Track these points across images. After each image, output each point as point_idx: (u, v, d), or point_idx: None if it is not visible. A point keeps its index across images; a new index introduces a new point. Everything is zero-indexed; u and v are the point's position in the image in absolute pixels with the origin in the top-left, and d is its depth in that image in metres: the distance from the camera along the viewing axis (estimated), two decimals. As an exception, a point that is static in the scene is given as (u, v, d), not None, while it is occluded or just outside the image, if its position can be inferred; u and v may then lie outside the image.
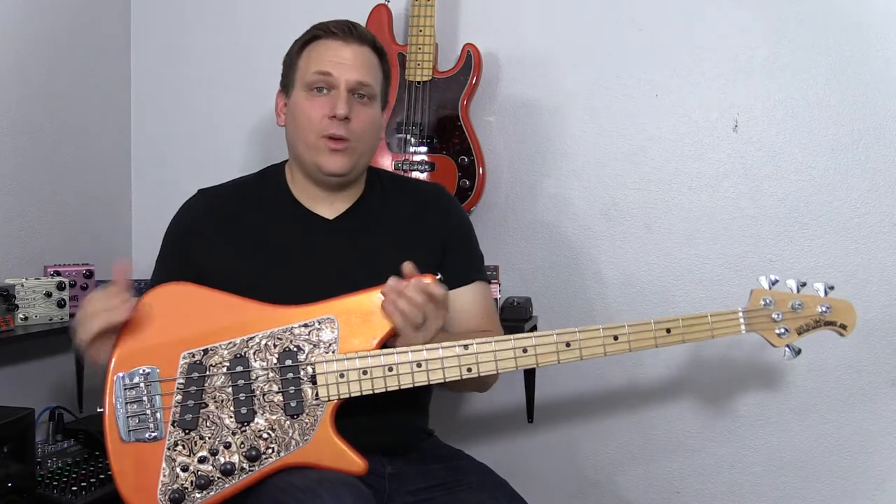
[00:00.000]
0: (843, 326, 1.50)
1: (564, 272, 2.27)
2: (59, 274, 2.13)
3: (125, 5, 2.55)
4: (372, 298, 1.39)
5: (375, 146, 1.64)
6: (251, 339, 1.38)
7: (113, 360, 1.37)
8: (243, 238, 1.56)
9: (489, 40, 2.23)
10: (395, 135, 2.17)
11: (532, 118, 2.27)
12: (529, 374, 2.20)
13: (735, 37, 2.14)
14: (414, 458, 1.55)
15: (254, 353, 1.38)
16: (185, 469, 1.34)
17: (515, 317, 2.13)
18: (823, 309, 1.49)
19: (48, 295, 2.04)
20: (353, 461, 1.36)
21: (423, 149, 2.16)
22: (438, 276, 1.39)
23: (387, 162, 2.17)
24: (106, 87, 2.49)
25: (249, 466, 1.35)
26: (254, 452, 1.34)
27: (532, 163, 2.28)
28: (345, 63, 1.52)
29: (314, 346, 1.38)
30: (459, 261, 1.63)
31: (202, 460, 1.34)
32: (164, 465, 1.34)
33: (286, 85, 1.61)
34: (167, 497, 1.33)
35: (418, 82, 2.16)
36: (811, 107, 2.10)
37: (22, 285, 1.99)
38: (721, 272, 2.17)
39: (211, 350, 1.38)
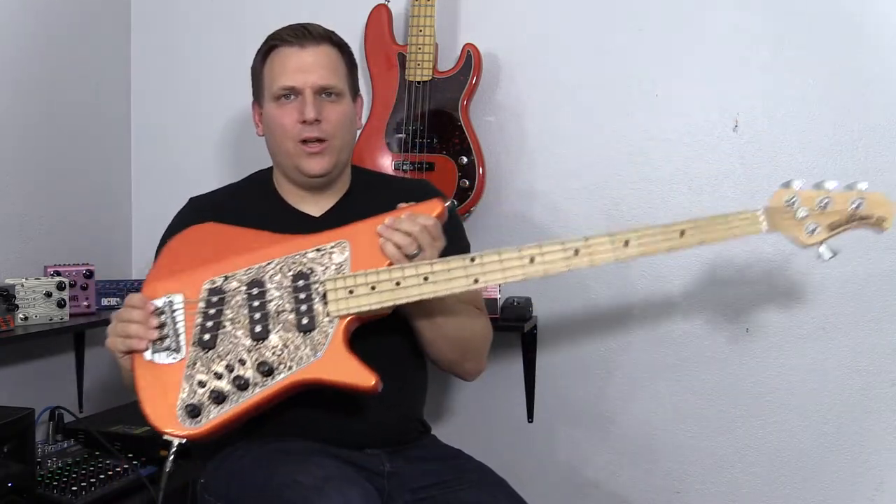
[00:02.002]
0: (882, 219, 1.35)
1: (564, 272, 2.26)
2: (59, 274, 2.13)
3: (125, 5, 2.56)
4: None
5: (354, 139, 1.69)
6: (267, 264, 1.45)
7: (144, 288, 1.47)
8: None
9: (489, 40, 2.23)
10: (395, 135, 2.17)
11: (532, 118, 2.26)
12: (529, 374, 2.20)
13: (735, 37, 2.14)
14: (413, 457, 1.56)
15: (269, 277, 1.44)
16: (202, 385, 1.37)
17: (515, 317, 2.13)
18: (855, 203, 1.35)
19: (48, 295, 2.04)
20: (365, 376, 1.36)
21: (424, 149, 2.16)
22: (448, 203, 1.45)
23: (387, 162, 2.17)
24: (106, 86, 2.49)
25: (263, 381, 1.37)
26: (267, 367, 1.37)
27: (532, 163, 2.27)
28: (305, 70, 1.57)
29: (326, 267, 1.43)
30: (450, 254, 1.63)
31: (218, 376, 1.38)
32: (183, 382, 1.38)
33: (257, 97, 1.67)
34: (185, 410, 1.35)
35: (418, 82, 2.16)
36: (811, 107, 2.10)
37: (22, 285, 1.99)
38: (721, 272, 2.17)
39: (231, 276, 1.45)
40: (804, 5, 2.09)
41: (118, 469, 1.91)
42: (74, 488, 1.82)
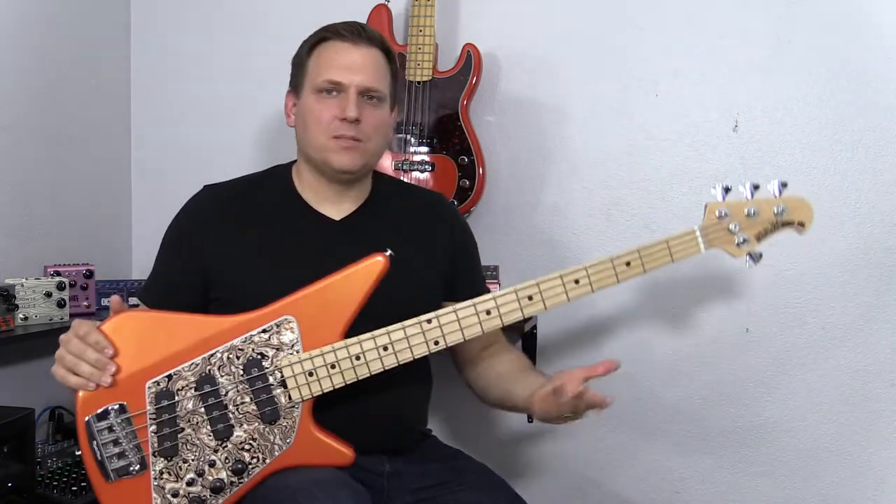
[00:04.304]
0: (801, 224, 1.47)
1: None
2: (59, 274, 2.13)
3: (125, 5, 2.56)
4: (327, 288, 1.38)
5: (385, 146, 1.67)
6: (212, 355, 1.36)
7: (78, 402, 1.35)
8: (249, 236, 1.56)
9: (489, 40, 2.22)
10: (395, 135, 2.17)
11: (532, 118, 2.26)
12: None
13: (735, 37, 2.14)
14: (413, 458, 1.56)
15: (218, 370, 1.36)
16: (175, 494, 1.33)
17: (515, 317, 2.13)
18: (779, 210, 1.46)
19: (48, 295, 2.04)
20: (340, 453, 1.36)
21: (423, 149, 2.16)
22: (389, 253, 1.38)
23: (386, 162, 2.17)
24: (106, 87, 2.49)
25: (238, 479, 1.35)
26: (240, 465, 1.34)
27: (532, 163, 2.27)
28: (354, 68, 1.53)
29: (277, 349, 1.37)
30: (474, 275, 1.71)
31: (190, 483, 1.34)
32: (154, 495, 1.33)
33: (296, 86, 1.61)
34: None
35: (418, 82, 2.16)
36: (811, 107, 2.10)
37: (22, 285, 1.99)
38: (720, 272, 2.17)
39: (175, 374, 1.36)
40: (804, 5, 2.09)
41: (118, 469, 1.90)
42: (74, 488, 1.82)
